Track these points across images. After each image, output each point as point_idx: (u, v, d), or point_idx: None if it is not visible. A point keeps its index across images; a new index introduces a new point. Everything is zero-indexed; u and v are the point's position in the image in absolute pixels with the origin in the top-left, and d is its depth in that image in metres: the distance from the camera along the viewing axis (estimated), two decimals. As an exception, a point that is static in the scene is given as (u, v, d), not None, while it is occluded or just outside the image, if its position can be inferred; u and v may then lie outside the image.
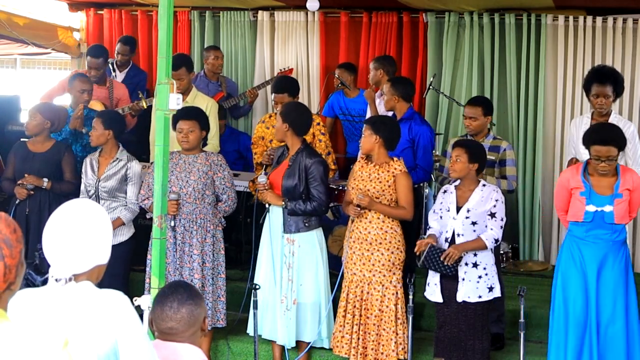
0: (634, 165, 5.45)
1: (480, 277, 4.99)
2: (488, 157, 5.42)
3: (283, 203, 5.31)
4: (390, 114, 6.13)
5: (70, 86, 6.60)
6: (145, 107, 6.79)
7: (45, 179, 5.86)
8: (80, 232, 2.52)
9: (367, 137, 5.24)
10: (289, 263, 5.34)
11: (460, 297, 4.98)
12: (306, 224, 5.35)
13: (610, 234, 4.84)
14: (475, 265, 4.99)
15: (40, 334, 1.89)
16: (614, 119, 5.45)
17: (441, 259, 4.92)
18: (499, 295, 5.10)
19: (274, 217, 5.41)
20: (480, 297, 4.99)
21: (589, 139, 4.81)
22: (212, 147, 6.29)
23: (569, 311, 4.90)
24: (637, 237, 7.55)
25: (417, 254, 5.04)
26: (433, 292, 5.11)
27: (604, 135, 4.77)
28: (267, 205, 5.43)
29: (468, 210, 4.99)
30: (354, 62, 8.07)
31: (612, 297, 4.84)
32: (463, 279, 4.99)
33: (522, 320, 4.86)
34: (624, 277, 4.86)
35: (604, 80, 5.34)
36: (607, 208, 4.78)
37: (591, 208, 4.81)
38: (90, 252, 2.54)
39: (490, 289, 5.01)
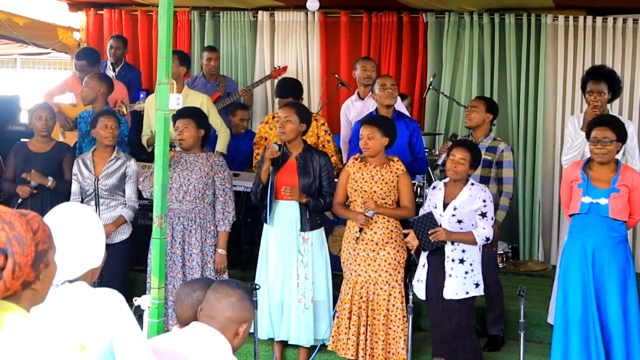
0: (632, 164, 5.48)
1: (466, 272, 4.97)
2: (485, 157, 5.45)
3: (306, 200, 5.31)
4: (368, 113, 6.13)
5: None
6: (125, 112, 6.75)
7: (50, 178, 5.85)
8: (71, 239, 2.50)
9: (376, 139, 5.19)
10: (305, 261, 5.34)
11: (447, 295, 4.96)
12: (318, 221, 5.40)
13: (607, 229, 4.85)
14: (461, 261, 4.97)
15: (57, 334, 1.91)
16: None
17: (429, 232, 4.93)
18: (482, 293, 5.07)
19: (285, 215, 5.39)
20: (467, 292, 4.97)
21: (589, 125, 4.97)
22: (224, 137, 6.53)
23: (569, 310, 4.91)
24: (637, 237, 7.55)
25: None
26: (418, 289, 5.10)
27: (602, 118, 5.04)
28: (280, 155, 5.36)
29: (455, 208, 4.98)
30: (354, 62, 8.05)
31: (609, 294, 4.84)
32: (450, 275, 4.97)
33: (522, 320, 4.85)
34: (622, 276, 4.86)
35: (598, 78, 5.52)
36: (603, 201, 4.83)
37: (587, 199, 4.87)
38: (83, 258, 2.54)
39: (477, 285, 5.01)
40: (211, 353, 2.71)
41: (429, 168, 6.40)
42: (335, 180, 5.53)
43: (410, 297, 5.07)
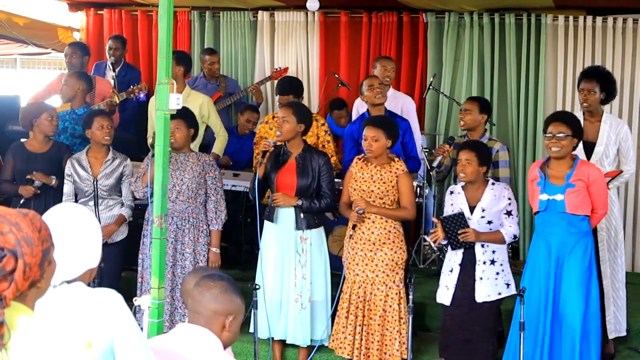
0: (625, 164, 5.51)
1: (497, 273, 4.99)
2: None
3: (300, 202, 5.30)
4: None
5: None
6: (118, 102, 6.76)
7: (54, 177, 5.85)
8: (69, 239, 2.50)
9: (380, 141, 5.19)
10: (303, 261, 5.34)
11: (480, 298, 4.96)
12: (316, 221, 5.38)
13: (566, 225, 4.86)
14: (492, 262, 4.99)
15: (65, 333, 1.92)
16: (606, 119, 5.52)
17: (459, 232, 4.93)
18: (515, 292, 5.05)
19: (284, 215, 5.39)
20: (500, 294, 4.99)
21: (546, 121, 5.02)
22: (222, 139, 6.58)
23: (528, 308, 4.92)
24: (637, 237, 7.55)
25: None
26: (443, 294, 5.08)
27: (559, 114, 5.26)
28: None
29: (483, 210, 4.99)
30: (354, 62, 8.08)
31: (568, 290, 4.85)
32: (481, 278, 4.97)
33: (522, 320, 4.85)
34: (583, 271, 4.86)
35: (590, 76, 5.55)
36: (559, 197, 4.85)
37: (544, 197, 4.90)
38: (81, 259, 2.54)
39: (507, 285, 5.02)
40: (201, 351, 2.70)
41: (426, 167, 6.41)
42: (337, 180, 5.53)
43: (410, 297, 5.06)
